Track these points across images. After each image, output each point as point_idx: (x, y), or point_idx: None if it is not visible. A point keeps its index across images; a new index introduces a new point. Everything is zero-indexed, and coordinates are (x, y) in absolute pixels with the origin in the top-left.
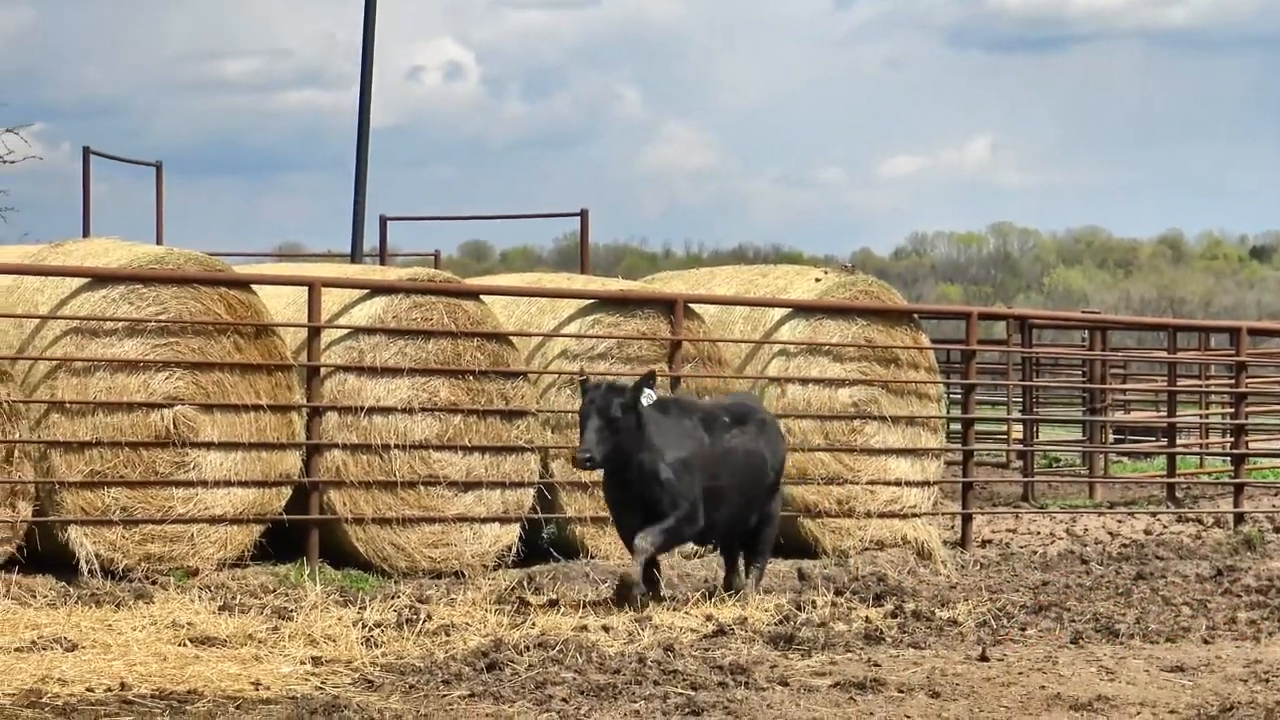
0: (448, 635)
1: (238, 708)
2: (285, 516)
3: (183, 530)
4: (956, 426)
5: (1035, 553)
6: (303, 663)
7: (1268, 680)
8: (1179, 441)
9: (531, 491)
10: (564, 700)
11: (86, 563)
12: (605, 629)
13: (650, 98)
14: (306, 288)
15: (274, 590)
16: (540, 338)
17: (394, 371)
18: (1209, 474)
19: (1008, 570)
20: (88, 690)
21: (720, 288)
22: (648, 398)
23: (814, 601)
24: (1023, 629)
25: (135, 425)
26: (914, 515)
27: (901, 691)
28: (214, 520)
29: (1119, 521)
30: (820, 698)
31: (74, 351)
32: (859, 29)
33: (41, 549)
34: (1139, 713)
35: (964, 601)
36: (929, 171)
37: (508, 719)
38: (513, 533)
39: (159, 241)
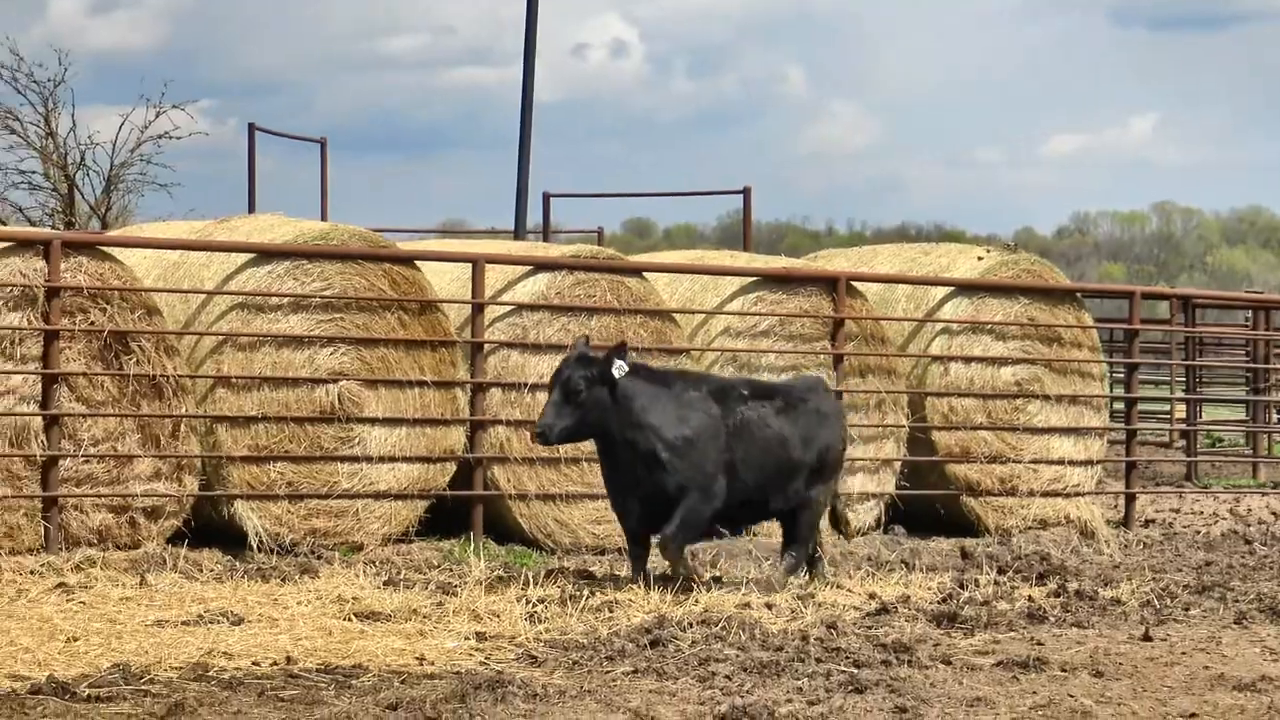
0: (611, 611)
1: (402, 682)
2: (449, 492)
3: (348, 505)
4: (1119, 406)
5: (1198, 532)
6: (467, 638)
7: None
8: None
9: None
10: (727, 677)
11: (254, 537)
12: (768, 606)
13: (814, 77)
14: (470, 264)
15: (438, 566)
16: (703, 315)
17: (557, 348)
18: None
19: (1171, 550)
20: (253, 664)
21: (883, 266)
22: (619, 369)
23: (977, 580)
24: (1186, 609)
25: (300, 400)
26: (1077, 494)
27: (1064, 671)
28: (379, 496)
29: None
30: (983, 676)
31: (239, 327)
32: (1023, 7)
33: (208, 523)
34: None
35: (1127, 581)
36: (1091, 150)
37: (671, 695)
38: None
39: (323, 217)
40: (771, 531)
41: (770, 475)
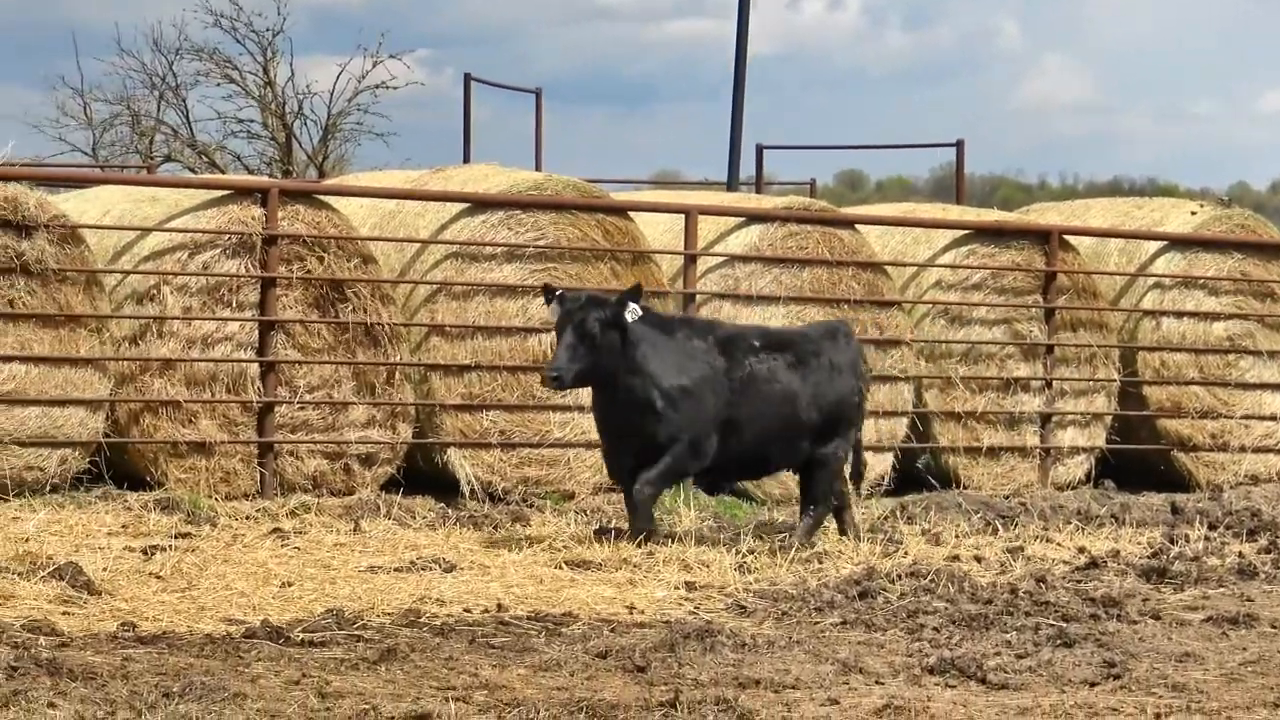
0: (820, 563)
1: (612, 631)
2: None
3: (560, 454)
4: None
5: None
6: (676, 587)
7: None
8: None
9: (905, 421)
10: (935, 630)
11: (466, 484)
12: (977, 559)
13: (1029, 30)
14: (683, 215)
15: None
16: (915, 268)
17: (769, 299)
18: None
19: None
20: (465, 611)
21: (1095, 220)
22: (632, 313)
23: (1187, 535)
24: None
25: (513, 349)
26: None
27: (1275, 627)
28: (590, 445)
29: None
30: (1192, 632)
31: (453, 276)
32: None
33: (421, 470)
34: None
35: None
36: None
37: (879, 647)
38: (885, 462)
39: (537, 168)
40: (983, 484)
41: (774, 433)
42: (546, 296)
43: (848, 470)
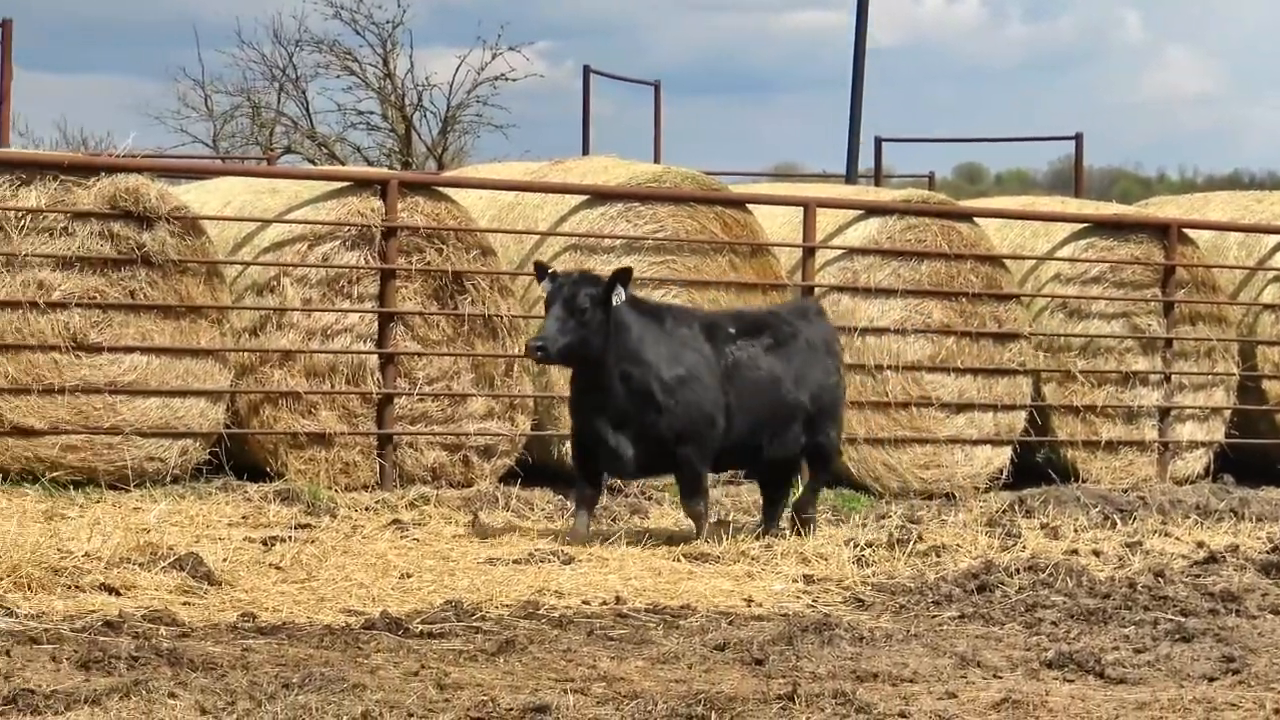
0: (938, 556)
1: (730, 623)
2: None
3: None
4: None
5: None
6: (794, 580)
7: None
8: None
9: (1023, 414)
10: (1053, 624)
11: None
12: (1095, 553)
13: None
14: (802, 208)
15: None
16: (1033, 261)
17: (887, 292)
18: None
19: None
20: (583, 603)
21: (1214, 213)
22: (619, 296)
23: None
24: None
25: None
26: None
27: None
28: None
29: None
30: None
31: (573, 268)
32: None
33: (539, 463)
34: None
35: None
36: None
37: (997, 640)
38: (1004, 455)
39: (656, 160)
40: (1101, 478)
41: (764, 420)
42: (538, 273)
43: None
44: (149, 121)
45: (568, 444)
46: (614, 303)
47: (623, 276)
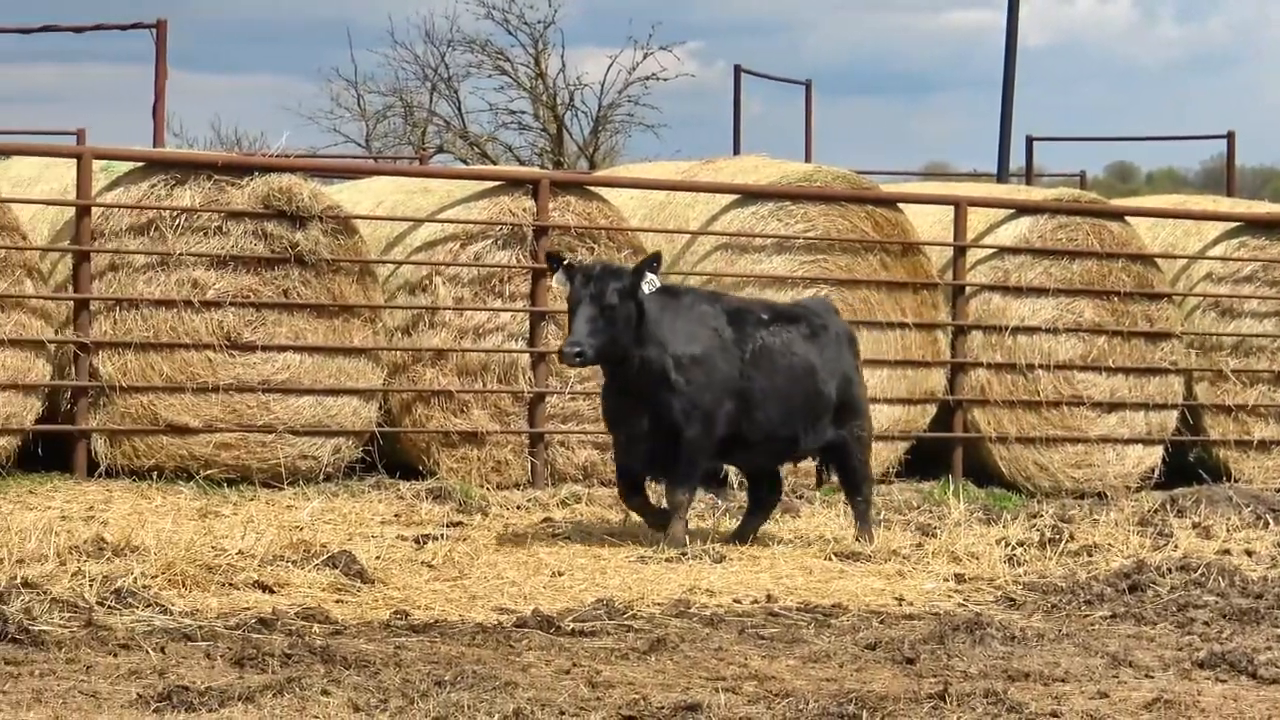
0: (1090, 556)
1: (881, 622)
2: (930, 434)
3: None
4: None
5: None
6: (945, 579)
7: None
8: None
9: (1175, 414)
10: (1205, 624)
11: (735, 476)
12: (1248, 553)
13: None
14: (953, 207)
15: (918, 507)
16: (1185, 260)
17: (1039, 291)
18: None
19: None
20: (735, 601)
21: None
22: (650, 284)
23: None
24: None
25: None
26: None
27: None
28: None
29: None
30: None
31: (724, 267)
32: None
33: None
34: None
35: None
36: None
37: (1149, 640)
38: (1155, 455)
39: (807, 159)
40: (1254, 478)
41: (793, 410)
42: (551, 265)
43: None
44: (302, 121)
45: None
46: (644, 292)
47: (651, 264)
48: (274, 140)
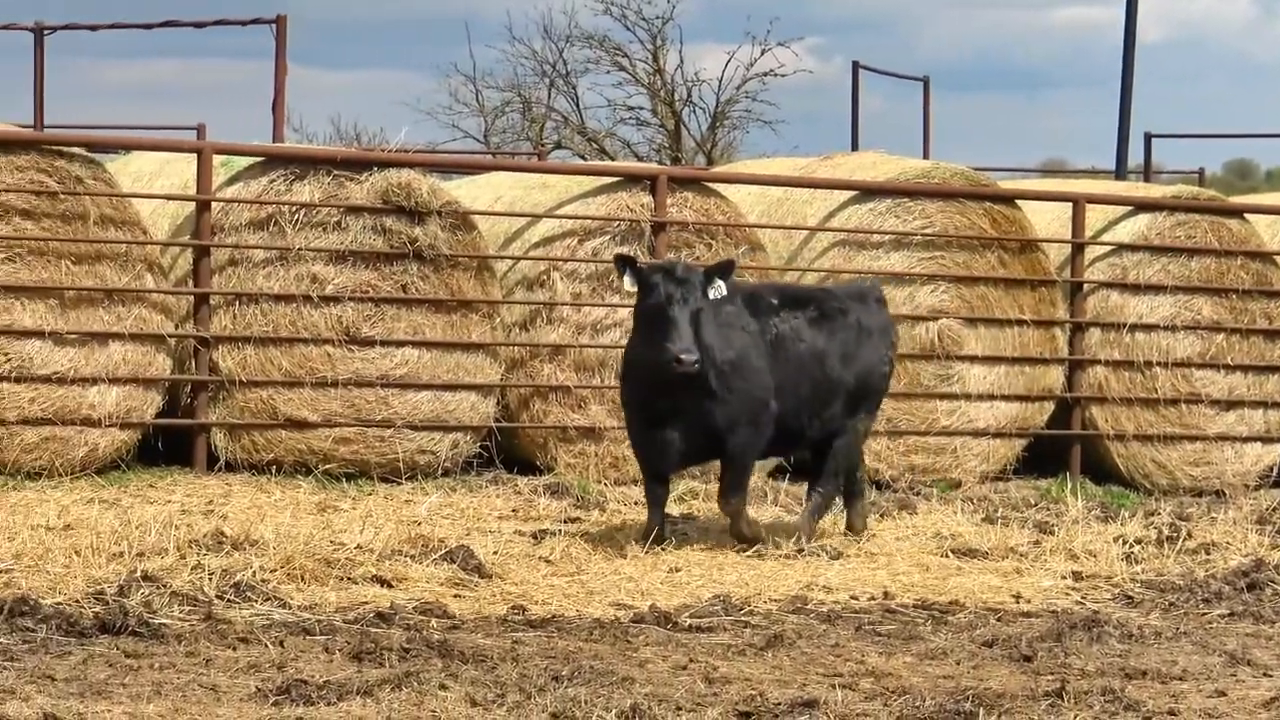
0: (1208, 554)
1: (998, 619)
2: (1048, 431)
3: (946, 443)
4: None
5: None
6: (1063, 577)
7: None
8: None
9: None
10: None
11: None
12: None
13: None
14: (1070, 204)
15: (1035, 504)
16: None
17: (1157, 288)
18: None
19: None
20: (851, 598)
21: None
22: (716, 290)
23: None
24: None
25: (900, 337)
26: None
27: None
28: (977, 434)
29: None
30: None
31: (841, 263)
32: None
33: (808, 459)
34: None
35: None
36: None
37: (1267, 639)
38: (1274, 452)
39: (925, 156)
40: None
41: (805, 398)
42: (620, 266)
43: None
44: (421, 117)
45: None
46: (713, 296)
47: (724, 270)
48: (393, 135)
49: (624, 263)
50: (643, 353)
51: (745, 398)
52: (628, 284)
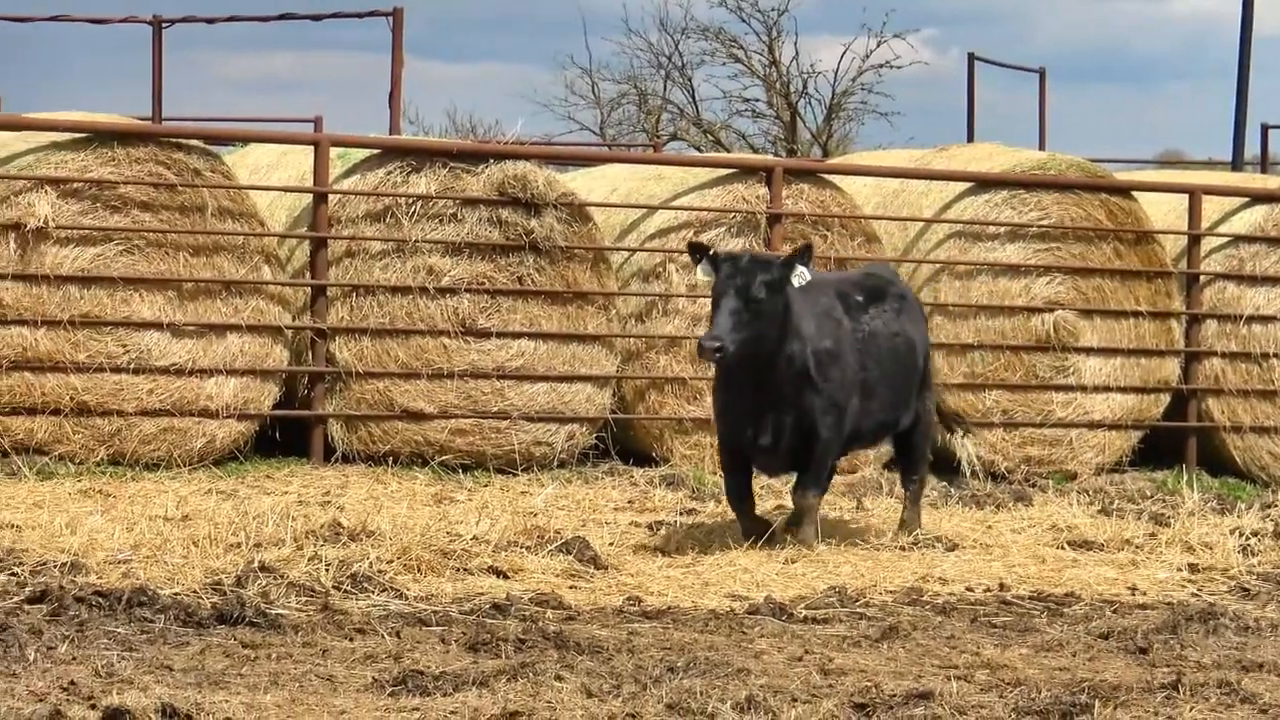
0: None
1: (1114, 611)
2: (1164, 423)
3: (1062, 434)
4: None
5: None
6: (1179, 569)
7: None
8: None
9: None
10: None
11: (968, 464)
12: None
13: None
14: (1187, 195)
15: (1151, 496)
16: None
17: (1274, 280)
18: None
19: None
20: (967, 589)
21: None
22: (800, 278)
23: None
24: None
25: (1016, 329)
26: None
27: None
28: (1092, 425)
29: None
30: None
31: (957, 255)
32: None
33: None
34: None
35: None
36: None
37: None
38: None
39: (1041, 147)
40: None
41: (899, 390)
42: (694, 255)
43: None
44: (537, 109)
45: (951, 430)
46: (793, 285)
47: (803, 256)
48: (509, 127)
49: (698, 252)
50: None
51: (839, 388)
52: (700, 273)
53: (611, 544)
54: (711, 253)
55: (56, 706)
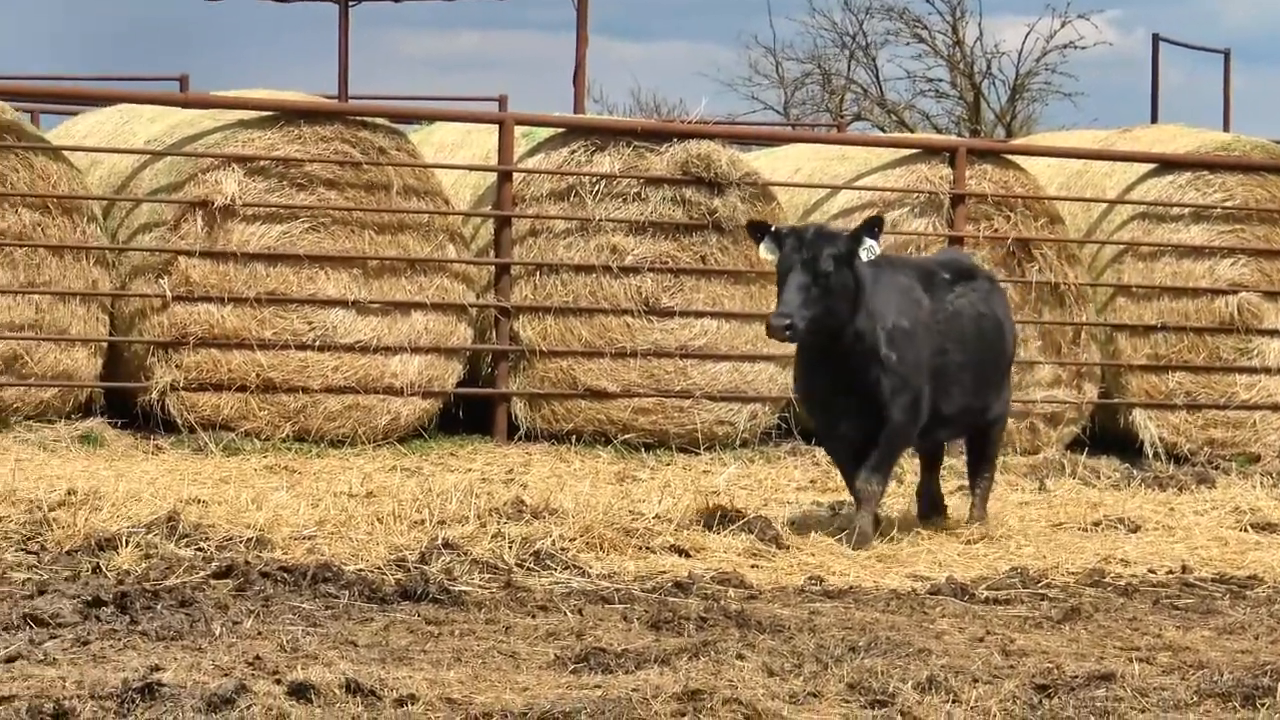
0: None
1: None
2: None
3: (1245, 417)
4: None
5: None
6: None
7: None
8: None
9: None
10: None
11: (1150, 445)
12: None
13: None
14: None
15: None
16: None
17: None
18: None
19: None
20: (1149, 571)
21: None
22: (869, 251)
23: None
24: None
25: (1200, 311)
26: None
27: None
28: (1276, 408)
29: None
30: None
31: (1140, 236)
32: None
33: (1105, 431)
34: None
35: None
36: None
37: None
38: None
39: (1226, 129)
40: None
41: (985, 376)
42: (754, 233)
43: None
44: (721, 88)
45: (1134, 412)
46: (862, 259)
47: (871, 228)
48: (692, 107)
49: (758, 230)
50: None
51: (913, 369)
52: (764, 251)
53: (794, 523)
54: (773, 229)
55: (242, 681)
